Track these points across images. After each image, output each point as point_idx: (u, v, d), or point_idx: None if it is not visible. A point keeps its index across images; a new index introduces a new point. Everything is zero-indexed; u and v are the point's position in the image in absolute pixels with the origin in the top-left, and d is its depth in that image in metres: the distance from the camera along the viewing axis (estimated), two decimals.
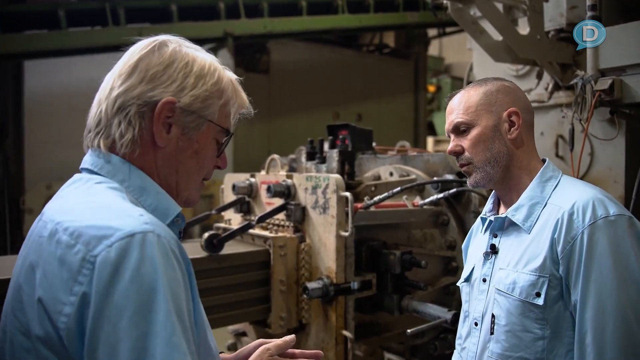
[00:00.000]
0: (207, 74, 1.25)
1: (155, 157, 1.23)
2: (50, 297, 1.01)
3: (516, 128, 1.70)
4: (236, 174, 3.48)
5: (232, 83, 1.32)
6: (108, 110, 1.19)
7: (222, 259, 2.64)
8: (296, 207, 2.81)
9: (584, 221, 1.51)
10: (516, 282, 1.61)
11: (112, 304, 0.96)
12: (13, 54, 6.57)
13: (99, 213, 1.07)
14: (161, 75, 1.20)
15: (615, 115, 2.83)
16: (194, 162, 1.27)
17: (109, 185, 1.17)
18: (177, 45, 1.25)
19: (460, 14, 3.21)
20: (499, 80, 1.78)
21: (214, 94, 1.25)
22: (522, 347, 1.60)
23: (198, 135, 1.25)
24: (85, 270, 0.98)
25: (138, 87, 1.19)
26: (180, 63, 1.22)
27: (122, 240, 1.00)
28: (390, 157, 3.49)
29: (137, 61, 1.21)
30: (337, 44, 10.14)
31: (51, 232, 1.07)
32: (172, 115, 1.20)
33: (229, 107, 1.32)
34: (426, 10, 8.83)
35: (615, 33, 2.61)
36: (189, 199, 1.32)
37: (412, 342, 3.25)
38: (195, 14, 7.44)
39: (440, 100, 13.54)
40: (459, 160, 1.77)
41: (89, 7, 6.84)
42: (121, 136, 1.18)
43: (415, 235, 3.15)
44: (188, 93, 1.21)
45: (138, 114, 1.18)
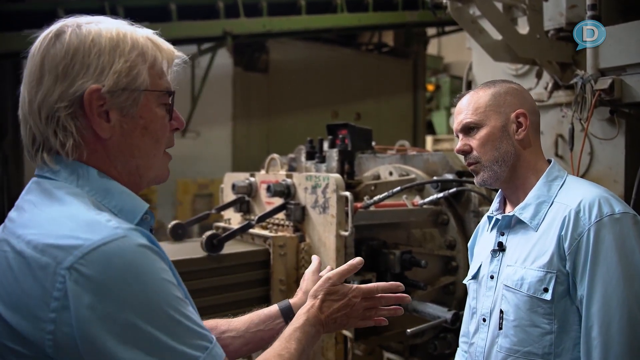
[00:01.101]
0: (119, 44, 1.13)
1: (106, 151, 1.14)
2: (27, 316, 0.96)
3: (523, 129, 1.75)
4: (236, 173, 3.48)
5: (149, 40, 1.19)
6: (37, 124, 1.10)
7: (221, 259, 2.63)
8: (296, 207, 2.81)
9: (590, 219, 1.56)
10: (524, 278, 1.66)
11: (102, 319, 0.93)
12: (11, 52, 6.53)
13: (64, 224, 1.00)
14: (72, 66, 1.09)
15: (615, 115, 2.83)
16: (147, 139, 1.18)
17: (69, 191, 1.08)
18: (75, 26, 1.13)
19: (460, 13, 3.21)
20: (506, 83, 1.83)
21: (136, 60, 1.14)
22: (530, 342, 1.64)
23: (139, 110, 1.15)
24: (58, 285, 0.93)
25: (55, 89, 1.08)
26: (86, 44, 1.10)
27: (94, 250, 0.95)
28: (390, 157, 3.49)
29: (41, 61, 1.10)
30: (336, 43, 10.14)
31: (13, 248, 1.01)
32: (103, 103, 1.10)
33: (158, 66, 1.19)
34: (425, 9, 8.83)
35: (615, 32, 2.61)
36: (158, 176, 1.25)
37: (412, 342, 3.25)
38: (195, 12, 7.41)
39: (439, 99, 13.54)
40: (467, 159, 1.82)
41: (88, 5, 6.82)
42: (62, 145, 1.10)
43: (415, 235, 3.15)
44: (109, 72, 1.10)
45: (69, 117, 1.09)
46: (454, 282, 3.04)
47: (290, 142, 4.77)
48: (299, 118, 9.21)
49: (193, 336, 1.02)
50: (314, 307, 1.42)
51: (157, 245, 1.06)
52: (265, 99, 9.15)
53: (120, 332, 0.94)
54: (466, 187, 2.98)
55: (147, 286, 0.98)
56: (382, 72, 10.74)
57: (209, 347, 1.03)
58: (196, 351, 1.01)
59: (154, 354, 0.96)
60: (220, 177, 3.69)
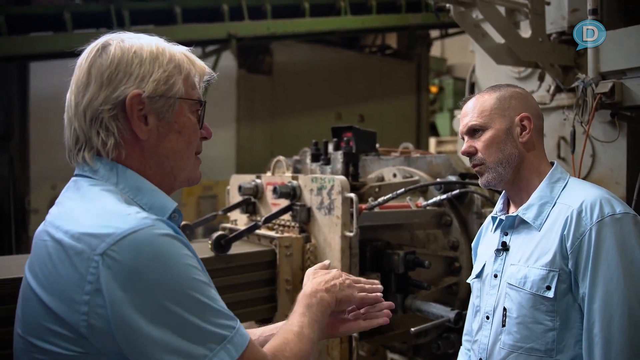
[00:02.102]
0: (158, 56, 1.25)
1: (143, 152, 1.25)
2: (64, 299, 1.05)
3: (527, 132, 1.80)
4: (242, 175, 3.52)
5: (184, 55, 1.32)
6: (82, 125, 1.21)
7: (229, 259, 2.68)
8: (302, 208, 2.85)
9: (592, 219, 1.61)
10: (527, 276, 1.70)
11: (133, 300, 1.02)
12: (19, 55, 6.61)
13: (98, 215, 1.10)
14: (116, 74, 1.20)
15: (616, 118, 2.87)
16: (180, 142, 1.28)
17: (103, 188, 1.19)
18: (119, 40, 1.25)
19: (463, 17, 3.25)
20: (511, 87, 1.88)
21: (173, 72, 1.26)
22: (533, 338, 1.69)
23: (174, 116, 1.26)
24: (92, 269, 1.03)
25: (100, 93, 1.20)
26: (129, 55, 1.22)
27: (124, 237, 1.04)
28: (394, 159, 3.53)
29: (88, 69, 1.22)
30: (339, 45, 10.18)
31: (53, 237, 1.11)
32: (143, 107, 1.21)
33: (191, 78, 1.32)
34: (428, 12, 8.87)
35: (616, 36, 2.65)
36: (191, 178, 1.35)
37: (415, 341, 3.28)
38: (199, 15, 7.47)
39: (442, 101, 13.57)
40: (472, 161, 1.87)
41: (94, 9, 6.89)
42: (104, 144, 1.20)
43: (418, 236, 3.19)
44: (149, 80, 1.22)
45: (111, 118, 1.20)
46: (457, 282, 3.08)
47: (294, 144, 4.82)
48: (302, 120, 9.25)
49: (219, 316, 1.11)
50: (307, 285, 1.50)
51: (182, 235, 1.15)
52: (269, 101, 9.19)
53: (150, 313, 1.02)
54: (469, 188, 3.02)
55: (174, 270, 1.06)
56: (385, 74, 10.77)
57: (235, 326, 1.12)
58: (224, 330, 1.10)
59: (182, 333, 1.04)
60: (224, 179, 3.72)
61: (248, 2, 7.61)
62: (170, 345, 1.03)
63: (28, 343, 1.13)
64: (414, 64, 11.31)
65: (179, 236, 1.13)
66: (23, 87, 7.47)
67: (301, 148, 3.96)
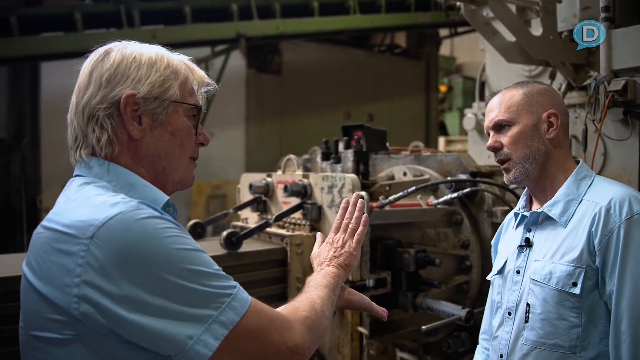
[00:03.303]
0: (156, 62, 1.31)
1: (136, 150, 1.30)
2: (56, 284, 1.10)
3: (554, 129, 1.81)
4: (252, 173, 3.53)
5: (184, 63, 1.38)
6: (80, 123, 1.28)
7: (240, 256, 2.69)
8: (312, 206, 2.85)
9: (620, 216, 1.63)
10: (553, 272, 1.71)
11: (122, 279, 1.06)
12: (30, 55, 6.66)
13: (87, 206, 1.15)
14: (114, 76, 1.27)
15: (629, 116, 2.85)
16: (173, 144, 1.33)
17: (97, 185, 1.24)
18: (122, 47, 1.32)
19: (473, 15, 3.24)
20: (538, 83, 1.89)
21: (169, 76, 1.31)
22: (557, 335, 1.69)
23: (168, 118, 1.31)
24: (81, 253, 1.07)
25: (98, 93, 1.26)
26: (128, 60, 1.28)
27: (112, 219, 1.09)
28: (404, 157, 3.52)
29: (90, 72, 1.29)
30: (348, 45, 10.19)
31: (46, 228, 1.18)
32: (137, 107, 1.27)
33: (189, 84, 1.37)
34: (437, 10, 8.84)
35: (629, 34, 2.63)
36: (182, 180, 1.40)
37: (425, 340, 3.28)
38: (208, 15, 7.50)
39: (451, 100, 13.52)
40: (497, 156, 1.87)
41: (105, 9, 6.94)
42: (98, 141, 1.26)
43: (429, 234, 3.19)
44: (144, 82, 1.27)
45: (107, 116, 1.26)
46: (467, 281, 3.07)
47: (303, 143, 4.83)
48: (311, 119, 9.26)
49: (217, 279, 1.16)
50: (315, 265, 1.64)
51: (166, 215, 1.20)
52: (278, 100, 9.21)
53: (145, 286, 1.07)
54: (480, 187, 3.01)
55: (161, 243, 1.10)
56: (394, 74, 10.76)
57: (235, 286, 1.19)
58: (225, 290, 1.15)
59: (182, 300, 1.09)
60: (233, 178, 3.74)
61: (257, 1, 7.63)
62: (172, 313, 1.07)
63: (29, 335, 1.18)
64: (423, 63, 11.30)
65: (163, 215, 1.18)
66: (34, 87, 7.54)
67: (310, 147, 3.96)
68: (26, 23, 6.47)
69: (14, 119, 7.46)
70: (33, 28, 6.61)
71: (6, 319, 1.99)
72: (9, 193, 7.24)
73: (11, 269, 2.13)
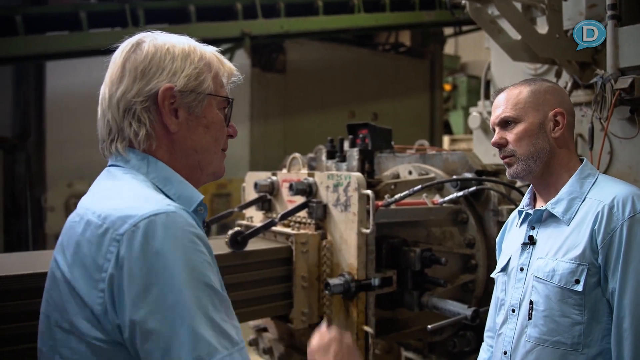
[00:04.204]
0: (190, 53, 1.30)
1: (173, 144, 1.30)
2: (83, 276, 1.10)
3: (560, 128, 1.81)
4: (257, 172, 3.53)
5: (214, 55, 1.38)
6: (115, 116, 1.26)
7: (245, 255, 2.69)
8: (318, 205, 2.85)
9: (624, 214, 1.63)
10: (555, 269, 1.71)
11: (138, 278, 1.05)
12: (35, 55, 6.68)
13: (125, 198, 1.16)
14: (150, 68, 1.26)
15: (635, 114, 2.84)
16: (208, 137, 1.33)
17: (134, 176, 1.24)
18: (152, 38, 1.31)
19: (479, 13, 3.23)
20: (546, 82, 1.89)
21: (203, 69, 1.31)
22: (559, 332, 1.69)
23: (203, 111, 1.31)
24: (112, 248, 1.07)
25: (134, 86, 1.25)
26: (162, 52, 1.27)
27: (146, 219, 1.08)
28: (409, 156, 3.52)
29: (122, 64, 1.27)
30: (353, 43, 10.18)
31: (81, 217, 1.18)
32: (174, 101, 1.26)
33: (220, 77, 1.37)
34: (442, 9, 8.83)
35: (636, 32, 2.63)
36: (216, 172, 1.40)
37: (431, 339, 3.27)
38: (213, 14, 7.50)
39: (456, 99, 13.51)
40: (502, 152, 1.87)
41: (109, 8, 6.95)
42: (136, 135, 1.26)
43: (434, 233, 3.18)
44: (180, 75, 1.27)
45: (144, 110, 1.25)
46: (473, 280, 3.06)
47: (307, 142, 4.82)
48: (316, 118, 9.26)
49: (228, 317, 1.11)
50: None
51: (202, 229, 1.19)
52: (283, 99, 9.21)
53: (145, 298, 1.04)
54: (485, 186, 3.01)
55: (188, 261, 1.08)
56: (398, 72, 10.75)
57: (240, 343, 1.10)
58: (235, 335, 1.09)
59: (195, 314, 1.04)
60: (238, 177, 3.73)
61: (262, 0, 7.64)
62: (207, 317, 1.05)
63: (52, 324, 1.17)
64: (428, 62, 11.28)
65: (198, 229, 1.15)
66: (39, 86, 7.56)
67: (314, 146, 3.96)
68: (31, 22, 6.48)
69: (19, 118, 7.48)
70: (38, 27, 6.63)
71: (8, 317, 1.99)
72: (13, 192, 7.27)
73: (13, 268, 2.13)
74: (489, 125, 4.52)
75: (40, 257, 2.67)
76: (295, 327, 2.80)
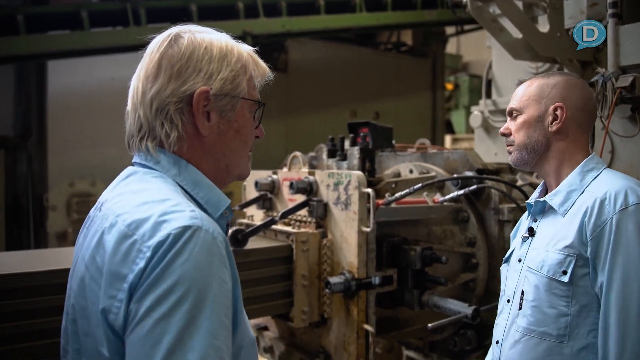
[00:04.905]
0: (227, 54, 1.28)
1: (202, 147, 1.28)
2: (108, 283, 1.08)
3: (558, 122, 1.83)
4: (258, 171, 3.52)
5: (250, 56, 1.36)
6: (147, 114, 1.24)
7: (246, 254, 2.69)
8: (318, 204, 2.85)
9: (615, 207, 1.63)
10: (545, 260, 1.74)
11: (159, 294, 1.02)
12: (36, 54, 6.67)
13: (156, 206, 1.12)
14: (186, 68, 1.23)
15: (637, 112, 2.82)
16: (238, 141, 1.33)
17: (164, 180, 1.23)
18: (191, 33, 1.28)
19: (480, 11, 3.23)
20: (565, 75, 1.92)
21: (239, 72, 1.29)
22: (546, 322, 1.71)
23: (235, 115, 1.30)
24: (138, 260, 1.06)
25: (168, 85, 1.22)
26: (199, 51, 1.25)
27: (174, 232, 1.06)
28: (410, 155, 3.52)
29: (159, 59, 1.24)
30: (354, 43, 10.16)
31: (112, 224, 1.15)
32: (207, 104, 1.25)
33: (253, 79, 1.36)
34: (444, 8, 8.82)
35: (637, 30, 2.61)
36: (242, 174, 1.39)
37: (432, 338, 3.27)
38: (215, 13, 7.49)
39: (458, 99, 13.48)
40: (506, 141, 1.96)
41: (111, 7, 6.95)
42: (167, 136, 1.24)
43: (435, 232, 3.18)
44: (217, 78, 1.25)
45: (177, 111, 1.23)
46: (474, 279, 3.06)
47: (309, 141, 4.82)
48: (317, 117, 9.26)
49: None
50: None
51: (226, 242, 1.17)
52: (284, 98, 9.20)
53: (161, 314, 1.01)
54: (486, 184, 3.00)
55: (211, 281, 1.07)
56: (400, 72, 10.74)
57: None
58: None
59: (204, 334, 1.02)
60: None
61: None
62: None
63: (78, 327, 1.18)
64: (430, 61, 11.26)
65: (222, 244, 1.13)
66: (41, 86, 7.55)
67: (316, 145, 3.96)
68: (33, 21, 6.48)
69: (21, 118, 7.48)
70: (39, 26, 6.62)
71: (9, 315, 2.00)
72: (15, 191, 7.27)
73: (16, 266, 2.13)
74: (490, 124, 4.54)
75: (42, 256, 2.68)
76: (296, 326, 2.80)
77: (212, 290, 1.06)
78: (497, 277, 3.07)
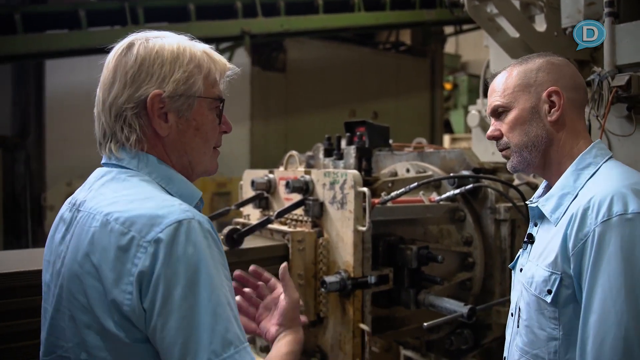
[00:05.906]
0: (179, 56, 1.32)
1: (163, 146, 1.34)
2: (112, 280, 1.14)
3: (557, 109, 1.57)
4: (255, 170, 3.52)
5: (205, 54, 1.38)
6: (107, 120, 1.31)
7: (241, 253, 2.68)
8: (314, 203, 2.84)
9: (597, 218, 1.39)
10: (534, 276, 1.54)
11: (165, 281, 1.12)
12: (34, 53, 6.69)
13: (145, 203, 1.20)
14: (139, 74, 1.28)
15: (633, 111, 2.82)
16: (198, 139, 1.37)
17: (141, 178, 1.29)
18: (143, 40, 1.32)
19: (477, 11, 3.23)
20: (543, 57, 1.65)
21: (193, 71, 1.33)
22: (538, 345, 1.54)
23: (193, 113, 1.34)
24: (139, 254, 1.13)
25: (124, 92, 1.28)
26: (151, 56, 1.29)
27: (171, 226, 1.14)
28: (407, 154, 3.51)
29: (114, 68, 1.30)
30: (353, 42, 10.18)
31: (103, 223, 1.20)
32: (163, 106, 1.29)
33: (212, 76, 1.38)
34: (442, 8, 8.82)
35: (633, 29, 2.61)
36: (207, 170, 1.44)
37: (428, 337, 3.27)
38: (213, 13, 7.51)
39: (457, 98, 13.50)
40: (498, 146, 1.69)
41: (109, 7, 6.96)
42: (127, 139, 1.30)
43: (431, 231, 3.18)
44: (169, 80, 1.29)
45: (134, 116, 1.29)
46: (470, 278, 3.06)
47: (307, 140, 4.81)
48: (316, 117, 9.26)
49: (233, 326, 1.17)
50: None
51: (215, 230, 1.25)
52: (283, 98, 9.21)
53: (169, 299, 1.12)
54: (483, 183, 3.00)
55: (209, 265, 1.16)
56: (399, 71, 10.76)
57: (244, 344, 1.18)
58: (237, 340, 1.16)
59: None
60: (238, 176, 3.73)
61: None
62: None
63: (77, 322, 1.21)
64: (428, 61, 11.29)
65: (212, 231, 1.22)
66: (39, 85, 7.56)
67: (315, 144, 3.95)
68: (30, 20, 6.49)
69: (19, 117, 7.49)
70: (37, 25, 6.64)
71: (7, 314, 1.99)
72: (13, 191, 7.28)
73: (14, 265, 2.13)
74: (487, 123, 4.54)
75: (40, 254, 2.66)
76: None
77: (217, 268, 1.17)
78: (493, 276, 3.09)
